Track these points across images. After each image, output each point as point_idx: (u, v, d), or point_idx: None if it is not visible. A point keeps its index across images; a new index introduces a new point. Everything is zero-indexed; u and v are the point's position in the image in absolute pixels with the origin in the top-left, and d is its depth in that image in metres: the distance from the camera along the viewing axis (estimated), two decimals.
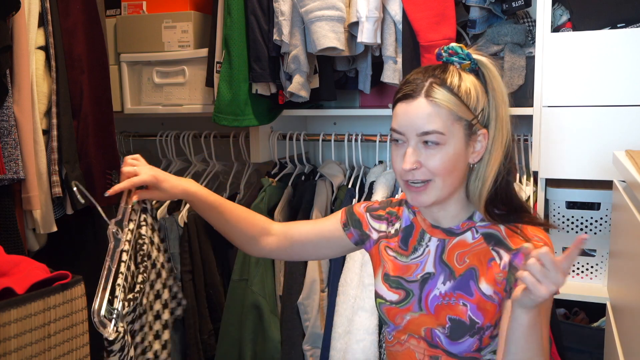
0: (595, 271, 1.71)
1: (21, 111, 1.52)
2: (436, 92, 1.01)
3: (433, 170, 1.02)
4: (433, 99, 1.01)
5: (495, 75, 1.05)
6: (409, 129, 1.03)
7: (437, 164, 1.02)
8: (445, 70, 1.04)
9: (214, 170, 2.26)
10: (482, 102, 1.04)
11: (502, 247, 1.07)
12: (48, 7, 1.59)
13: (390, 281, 1.17)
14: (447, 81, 1.02)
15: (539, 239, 1.04)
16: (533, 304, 0.88)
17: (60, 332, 1.14)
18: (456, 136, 1.02)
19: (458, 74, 1.04)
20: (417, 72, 1.06)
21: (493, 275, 1.06)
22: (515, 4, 1.65)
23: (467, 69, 1.06)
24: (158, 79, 2.13)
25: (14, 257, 1.22)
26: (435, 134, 1.01)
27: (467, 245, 1.10)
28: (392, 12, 1.71)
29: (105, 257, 1.14)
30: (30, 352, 1.07)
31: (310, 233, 1.28)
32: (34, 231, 1.61)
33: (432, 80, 1.02)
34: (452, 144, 1.02)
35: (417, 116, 1.01)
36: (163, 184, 1.20)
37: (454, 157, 1.03)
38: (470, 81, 1.04)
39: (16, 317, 1.05)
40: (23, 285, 1.10)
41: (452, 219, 1.12)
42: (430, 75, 1.04)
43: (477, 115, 1.03)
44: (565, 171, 1.65)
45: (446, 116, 1.01)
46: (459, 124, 1.02)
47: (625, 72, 1.55)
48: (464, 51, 1.05)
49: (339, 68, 1.94)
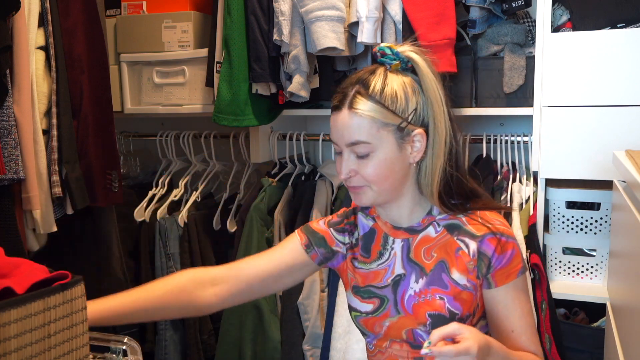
0: (595, 271, 1.71)
1: (21, 111, 1.52)
2: (358, 103, 1.01)
3: (367, 177, 1.04)
4: (355, 110, 1.01)
5: (425, 71, 1.03)
6: (339, 140, 1.05)
7: (369, 171, 1.04)
8: (371, 75, 1.04)
9: (214, 170, 2.26)
10: (414, 101, 1.03)
11: (466, 236, 1.08)
12: (48, 7, 1.59)
13: (362, 292, 1.15)
14: (369, 88, 1.02)
15: (499, 222, 1.08)
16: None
17: (60, 332, 1.14)
18: (385, 142, 1.03)
19: (384, 77, 1.03)
20: (347, 79, 1.07)
21: (464, 264, 1.07)
22: (515, 4, 1.65)
23: (399, 68, 1.05)
24: (158, 79, 2.13)
25: (15, 260, 1.22)
26: (361, 144, 1.02)
27: (432, 239, 1.11)
28: (392, 12, 1.71)
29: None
30: (30, 352, 1.07)
31: (269, 266, 1.19)
32: (34, 231, 1.61)
33: (357, 90, 1.03)
34: (382, 150, 1.03)
35: (343, 128, 1.03)
36: None
37: (387, 162, 1.04)
38: (397, 83, 1.03)
39: (16, 317, 1.05)
40: (23, 286, 1.10)
41: (410, 217, 1.12)
42: (357, 81, 1.04)
43: (408, 117, 1.03)
44: (565, 171, 1.65)
45: (369, 125, 1.01)
46: (386, 129, 1.02)
47: (625, 72, 1.55)
48: (393, 51, 1.04)
49: (339, 68, 1.94)
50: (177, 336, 2.16)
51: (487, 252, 1.05)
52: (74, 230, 1.80)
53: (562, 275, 1.75)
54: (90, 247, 1.83)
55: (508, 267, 1.05)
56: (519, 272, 1.06)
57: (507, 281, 1.05)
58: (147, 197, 2.21)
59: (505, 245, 1.05)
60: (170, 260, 2.09)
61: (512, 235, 1.07)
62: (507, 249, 1.05)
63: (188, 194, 2.22)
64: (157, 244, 2.11)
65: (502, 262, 1.05)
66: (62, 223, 1.65)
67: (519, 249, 1.07)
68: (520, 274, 1.06)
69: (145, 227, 2.15)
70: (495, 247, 1.05)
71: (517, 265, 1.06)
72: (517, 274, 1.06)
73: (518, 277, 1.06)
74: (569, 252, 1.73)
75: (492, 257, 1.05)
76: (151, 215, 2.16)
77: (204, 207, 2.17)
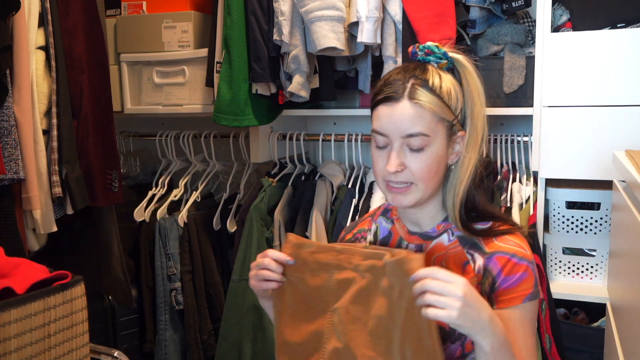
0: (595, 271, 1.71)
1: (21, 111, 1.52)
2: (419, 94, 0.99)
3: (416, 173, 1.01)
4: (417, 101, 0.99)
5: (471, 73, 1.04)
6: (393, 132, 1.01)
7: (421, 166, 1.01)
8: (424, 71, 1.02)
9: (214, 170, 2.26)
10: (460, 101, 1.03)
11: (476, 250, 1.05)
12: (48, 7, 1.59)
13: None
14: (428, 82, 1.00)
15: (514, 244, 1.03)
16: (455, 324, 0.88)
17: (60, 332, 1.14)
18: (439, 137, 1.01)
19: (438, 74, 1.02)
20: (396, 73, 1.04)
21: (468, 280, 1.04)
22: (515, 4, 1.65)
23: (445, 68, 1.04)
24: (158, 79, 2.13)
25: (15, 260, 1.22)
26: (420, 136, 0.99)
27: (444, 248, 1.08)
28: (392, 12, 1.71)
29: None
30: (30, 352, 1.07)
31: None
32: (34, 231, 1.61)
33: (414, 82, 1.00)
34: (435, 146, 1.01)
35: (402, 119, 0.99)
36: None
37: (437, 159, 1.02)
38: (449, 81, 1.02)
39: (16, 317, 1.05)
40: (23, 286, 1.10)
41: (430, 221, 1.10)
42: (410, 75, 1.02)
43: (457, 115, 1.03)
44: (565, 171, 1.65)
45: (430, 118, 0.99)
46: (442, 125, 1.01)
47: (625, 72, 1.55)
48: (441, 50, 1.04)
49: (339, 68, 1.94)
50: (177, 336, 2.16)
51: (493, 270, 1.01)
52: (74, 230, 1.80)
53: (562, 275, 1.75)
54: (90, 247, 1.83)
55: (514, 289, 0.99)
56: (525, 298, 0.99)
57: (510, 304, 0.99)
58: (147, 197, 2.21)
59: (515, 266, 1.00)
60: (170, 260, 2.10)
61: (528, 258, 1.02)
62: (517, 271, 1.00)
63: (188, 194, 2.22)
64: (157, 244, 2.11)
65: (508, 283, 1.00)
66: (62, 223, 1.65)
67: (532, 274, 1.01)
68: (526, 299, 0.99)
69: (145, 227, 2.15)
70: (503, 266, 1.00)
71: (525, 290, 1.00)
72: (523, 299, 0.99)
73: (523, 302, 0.99)
74: (569, 252, 1.73)
75: (497, 276, 1.01)
76: (151, 215, 2.16)
77: (204, 207, 2.17)
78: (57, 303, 1.14)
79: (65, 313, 1.16)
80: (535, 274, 1.02)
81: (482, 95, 1.04)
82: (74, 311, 1.17)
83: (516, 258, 1.01)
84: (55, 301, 1.13)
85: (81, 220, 1.78)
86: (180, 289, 2.09)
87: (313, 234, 1.86)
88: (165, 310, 2.12)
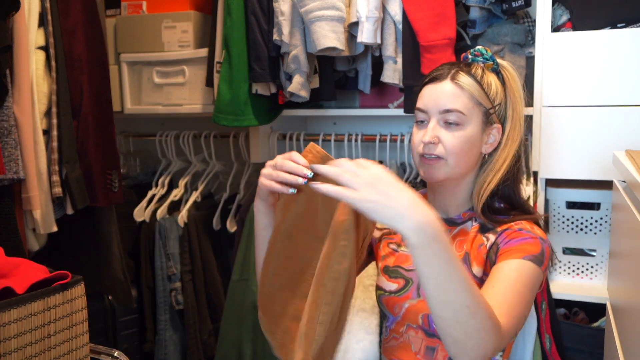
0: (595, 271, 1.71)
1: (21, 111, 1.52)
2: (461, 77, 1.10)
3: (448, 147, 1.08)
4: (457, 82, 1.09)
5: (514, 77, 1.15)
6: (432, 107, 1.10)
7: (454, 141, 1.08)
8: (470, 65, 1.14)
9: (214, 170, 2.26)
10: (500, 97, 1.12)
11: (490, 232, 1.11)
12: (48, 7, 1.59)
13: (390, 271, 1.20)
14: (471, 70, 1.11)
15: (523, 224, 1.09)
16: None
17: (60, 332, 1.14)
18: (474, 119, 1.09)
19: (482, 69, 1.13)
20: (444, 65, 1.15)
21: (482, 257, 1.10)
22: (515, 4, 1.65)
23: (490, 68, 1.14)
24: (158, 79, 2.13)
25: (14, 260, 1.22)
26: (456, 113, 1.08)
27: (467, 233, 1.14)
28: (392, 12, 1.71)
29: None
30: (30, 352, 1.07)
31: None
32: (34, 231, 1.61)
33: (458, 68, 1.11)
34: (470, 126, 1.09)
35: (441, 95, 1.09)
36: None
37: (470, 139, 1.09)
38: (492, 77, 1.13)
39: (16, 317, 1.05)
40: (23, 285, 1.10)
41: (457, 208, 1.16)
42: (457, 66, 1.13)
43: (495, 106, 1.11)
44: (565, 171, 1.65)
45: (468, 98, 1.08)
46: (479, 108, 1.10)
47: (625, 72, 1.55)
48: (489, 53, 1.15)
49: (339, 68, 1.94)
50: (177, 336, 2.16)
51: (499, 240, 1.07)
52: (74, 230, 1.80)
53: (562, 275, 1.75)
54: (90, 247, 1.83)
55: (515, 245, 1.03)
56: (526, 256, 1.01)
57: (507, 257, 1.01)
58: (147, 197, 2.21)
59: (518, 231, 1.06)
60: (170, 260, 2.10)
61: (534, 232, 1.06)
62: (519, 235, 1.05)
63: (188, 194, 2.22)
64: (157, 244, 2.11)
65: (511, 242, 1.05)
66: (62, 223, 1.65)
67: (539, 243, 1.03)
68: (527, 258, 1.00)
69: (145, 227, 2.16)
70: (508, 234, 1.06)
71: (528, 250, 1.01)
72: (524, 256, 1.00)
73: (523, 259, 1.00)
74: (569, 252, 1.73)
75: (501, 241, 1.06)
76: (151, 215, 2.16)
77: (204, 207, 2.17)
78: (57, 303, 1.14)
79: (65, 313, 1.15)
80: (543, 248, 1.03)
81: (522, 96, 1.16)
82: (74, 311, 1.17)
83: (524, 230, 1.06)
84: (55, 301, 1.13)
85: (81, 220, 1.78)
86: (180, 289, 2.09)
87: None
88: (165, 310, 2.12)
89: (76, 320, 1.18)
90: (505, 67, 1.16)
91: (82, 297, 1.20)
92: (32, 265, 1.22)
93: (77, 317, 1.18)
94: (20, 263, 1.21)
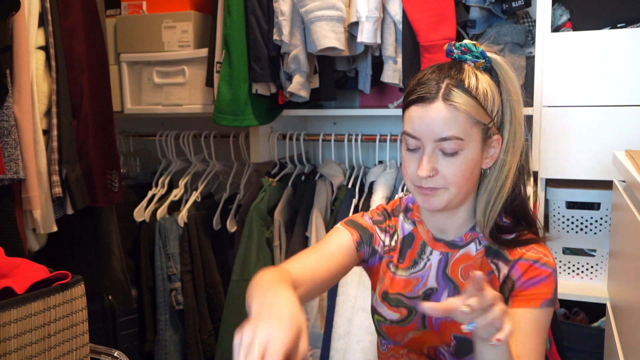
0: (595, 271, 1.71)
1: (21, 111, 1.52)
2: (455, 96, 0.94)
3: (449, 178, 0.97)
4: (452, 103, 0.94)
5: (510, 75, 1.00)
6: (425, 135, 0.96)
7: (454, 171, 0.96)
8: (460, 71, 0.98)
9: (214, 170, 2.26)
10: (497, 103, 0.99)
11: (500, 259, 1.03)
12: (48, 7, 1.59)
13: (390, 299, 1.10)
14: (464, 83, 0.95)
15: (536, 252, 1.01)
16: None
17: (60, 332, 1.14)
18: (474, 141, 0.97)
19: (475, 74, 0.97)
20: (431, 72, 0.99)
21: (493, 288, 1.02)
22: (515, 4, 1.65)
23: (481, 67, 1.00)
24: (158, 79, 2.13)
25: (14, 260, 1.22)
26: (454, 140, 0.94)
27: (472, 258, 1.05)
28: (392, 12, 1.71)
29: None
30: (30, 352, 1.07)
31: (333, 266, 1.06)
32: (34, 231, 1.61)
33: (449, 82, 0.95)
34: (469, 150, 0.96)
35: (435, 121, 0.94)
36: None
37: (471, 163, 0.97)
38: (486, 81, 0.98)
39: (16, 317, 1.05)
40: (23, 286, 1.10)
41: (458, 229, 1.06)
42: (445, 75, 0.97)
43: (494, 118, 0.98)
44: (565, 171, 1.65)
45: (465, 120, 0.94)
46: (477, 128, 0.96)
47: (625, 72, 1.55)
48: (478, 49, 0.99)
49: (339, 68, 1.94)
50: (177, 336, 2.16)
51: (514, 275, 0.99)
52: (74, 230, 1.80)
53: (562, 275, 1.75)
54: (90, 247, 1.83)
55: (532, 290, 0.97)
56: (543, 302, 0.97)
57: (527, 305, 0.97)
58: (147, 197, 2.21)
59: (535, 270, 0.98)
60: (170, 260, 2.10)
61: (551, 265, 0.99)
62: (537, 275, 0.98)
63: (188, 194, 2.22)
64: (157, 244, 2.11)
65: (527, 285, 0.98)
66: (62, 223, 1.65)
67: (553, 281, 0.99)
68: (544, 305, 0.97)
69: (145, 227, 2.16)
70: (524, 271, 0.99)
71: (545, 294, 0.97)
72: (541, 302, 0.97)
73: (541, 307, 0.97)
74: (569, 252, 1.73)
75: (517, 280, 0.99)
76: (151, 215, 2.16)
77: (204, 207, 2.17)
78: (57, 303, 1.14)
79: (65, 313, 1.16)
80: (555, 282, 1.00)
81: (520, 96, 1.00)
82: (74, 311, 1.17)
83: (538, 264, 0.99)
84: (55, 301, 1.13)
85: (81, 220, 1.78)
86: (180, 289, 2.09)
87: (313, 234, 1.86)
88: (165, 310, 2.12)
89: (76, 320, 1.18)
90: (499, 62, 0.99)
91: (82, 297, 1.20)
92: (32, 265, 1.22)
93: (77, 317, 1.18)
94: (20, 263, 1.21)
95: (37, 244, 1.64)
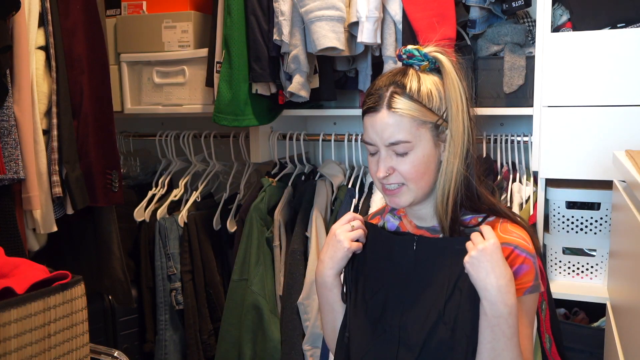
0: (595, 271, 1.71)
1: (21, 111, 1.52)
2: (397, 102, 1.02)
3: (405, 175, 1.05)
4: (395, 110, 1.02)
5: (450, 73, 1.04)
6: (378, 141, 1.05)
7: (408, 168, 1.04)
8: (404, 75, 1.05)
9: (214, 170, 2.27)
10: (445, 100, 1.04)
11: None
12: (48, 7, 1.59)
13: None
14: (406, 87, 1.03)
15: (518, 236, 1.05)
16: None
17: (60, 332, 1.14)
18: (423, 140, 1.04)
19: (417, 77, 1.05)
20: (381, 80, 1.08)
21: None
22: (515, 4, 1.66)
23: (428, 69, 1.07)
24: (158, 79, 2.13)
25: (14, 260, 1.22)
26: (401, 144, 1.03)
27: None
28: (392, 12, 1.71)
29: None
30: (30, 352, 1.07)
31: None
32: (34, 231, 1.61)
33: (393, 90, 1.03)
34: (420, 148, 1.04)
35: (382, 129, 1.03)
36: None
37: (424, 159, 1.04)
38: (430, 82, 1.04)
39: (16, 317, 1.05)
40: (23, 286, 1.10)
41: (434, 216, 1.11)
42: (391, 82, 1.05)
43: (443, 114, 1.04)
44: (565, 171, 1.65)
45: (409, 124, 1.02)
46: (425, 127, 1.03)
47: (625, 72, 1.55)
48: (421, 52, 1.06)
49: (339, 68, 1.94)
50: (177, 336, 2.16)
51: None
52: (74, 230, 1.80)
53: (562, 275, 1.75)
54: (90, 247, 1.83)
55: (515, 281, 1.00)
56: (526, 290, 1.02)
57: None
58: (147, 197, 2.21)
59: (516, 258, 1.02)
60: (170, 260, 2.10)
61: (529, 250, 1.03)
62: (517, 263, 1.02)
63: (188, 194, 2.22)
64: (157, 244, 2.11)
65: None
66: (62, 223, 1.65)
67: (533, 267, 1.03)
68: (527, 292, 1.02)
69: (145, 227, 2.16)
70: (506, 257, 1.01)
71: (526, 282, 1.02)
72: (524, 291, 1.01)
73: (524, 295, 1.01)
74: (569, 252, 1.73)
75: None
76: (151, 215, 2.16)
77: (204, 207, 2.17)
78: (57, 303, 1.14)
79: (65, 313, 1.16)
80: (536, 267, 1.04)
81: (462, 95, 1.04)
82: (74, 311, 1.17)
83: (519, 250, 1.03)
84: (55, 301, 1.13)
85: (81, 220, 1.78)
86: (180, 289, 2.09)
87: (313, 234, 1.86)
88: (165, 310, 2.12)
89: (76, 320, 1.18)
90: (441, 60, 1.05)
91: (82, 297, 1.20)
92: (32, 265, 1.22)
93: (77, 317, 1.18)
94: (20, 263, 1.21)
95: (37, 244, 1.64)
